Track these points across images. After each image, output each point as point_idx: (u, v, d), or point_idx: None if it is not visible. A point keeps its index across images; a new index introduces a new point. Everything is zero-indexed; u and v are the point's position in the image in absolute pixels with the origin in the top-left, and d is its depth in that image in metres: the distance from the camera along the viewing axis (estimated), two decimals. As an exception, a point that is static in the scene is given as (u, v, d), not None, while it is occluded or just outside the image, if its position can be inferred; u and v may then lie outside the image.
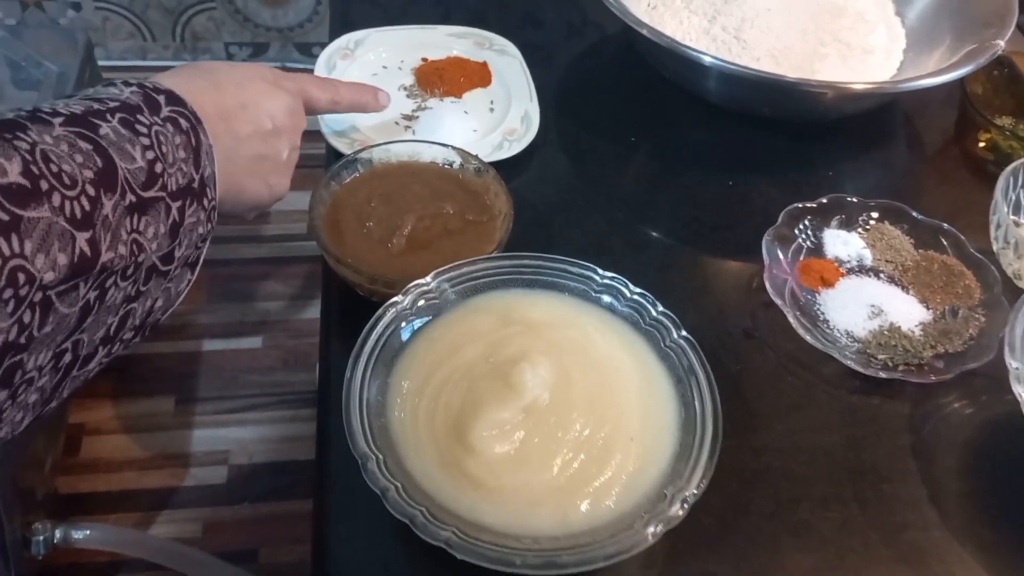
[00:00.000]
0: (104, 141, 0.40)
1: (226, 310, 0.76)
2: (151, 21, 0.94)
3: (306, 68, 0.99)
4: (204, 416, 0.69)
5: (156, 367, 0.71)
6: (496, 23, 0.88)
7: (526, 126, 0.71)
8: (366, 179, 0.61)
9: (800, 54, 0.77)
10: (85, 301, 0.38)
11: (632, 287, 0.53)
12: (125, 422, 0.67)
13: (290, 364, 0.72)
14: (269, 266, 0.80)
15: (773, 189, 0.71)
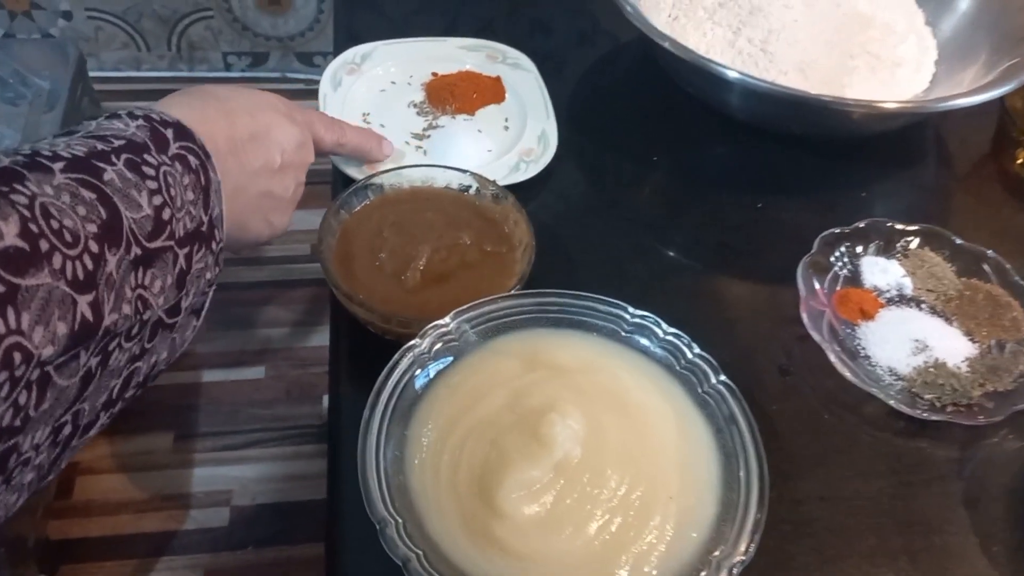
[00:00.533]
0: (109, 188, 0.36)
1: (226, 338, 0.72)
2: (145, 31, 0.90)
3: (308, 78, 0.95)
4: (204, 453, 0.65)
5: (153, 400, 0.67)
6: (504, 32, 0.84)
7: (543, 146, 0.67)
8: (377, 206, 0.58)
9: (828, 67, 0.73)
10: (86, 370, 0.34)
11: (665, 326, 0.50)
12: (120, 460, 0.64)
13: (294, 396, 0.68)
14: (271, 290, 0.76)
15: (804, 211, 0.67)
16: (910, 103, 0.68)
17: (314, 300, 0.76)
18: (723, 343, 0.58)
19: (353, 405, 0.53)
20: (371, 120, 0.68)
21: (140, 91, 0.91)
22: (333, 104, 0.68)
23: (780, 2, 0.74)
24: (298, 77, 0.95)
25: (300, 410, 0.68)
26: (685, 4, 0.75)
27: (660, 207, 0.67)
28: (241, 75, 0.95)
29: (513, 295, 0.50)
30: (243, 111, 0.48)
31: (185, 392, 0.68)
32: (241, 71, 0.95)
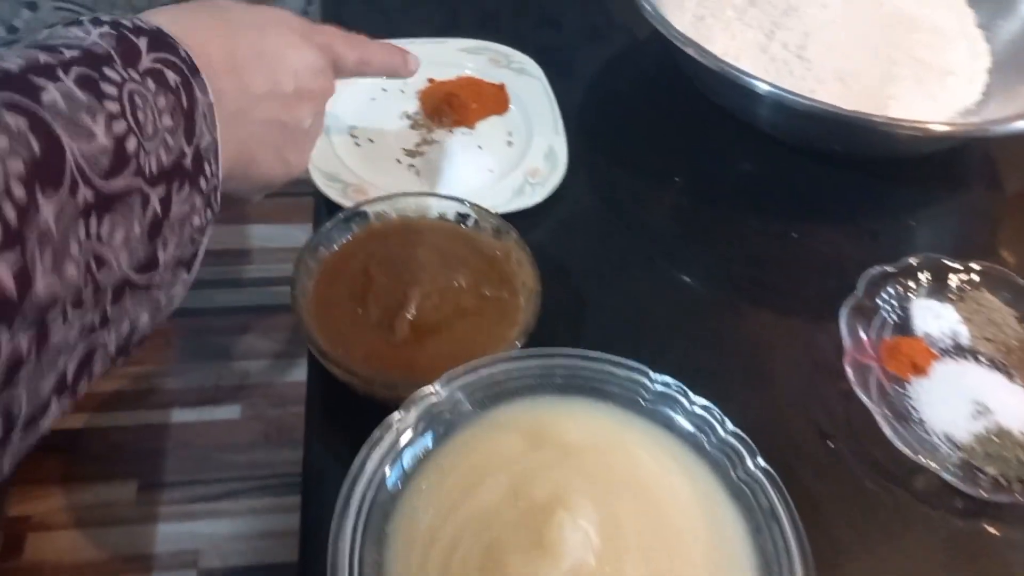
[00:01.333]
0: (48, 112, 0.28)
1: (199, 372, 0.65)
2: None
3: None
4: (171, 506, 0.58)
5: (115, 443, 0.61)
6: (510, 26, 0.77)
7: (551, 165, 0.59)
8: (361, 241, 0.50)
9: (871, 75, 0.65)
10: (11, 351, 0.27)
11: (693, 396, 0.42)
12: (77, 514, 0.57)
13: (272, 439, 0.62)
14: (249, 316, 0.69)
15: (845, 241, 0.60)
16: (968, 127, 0.60)
17: (296, 328, 0.68)
18: (755, 400, 0.51)
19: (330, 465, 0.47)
20: (358, 134, 0.61)
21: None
22: (316, 116, 0.60)
23: (817, 2, 0.66)
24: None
25: (279, 455, 0.62)
26: (712, 3, 0.68)
27: (683, 236, 0.60)
28: (223, 71, 0.87)
29: (514, 356, 0.43)
30: (248, 25, 0.40)
31: (151, 434, 0.61)
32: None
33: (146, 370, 0.64)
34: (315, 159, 0.57)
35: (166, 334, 0.66)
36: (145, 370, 0.64)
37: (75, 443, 0.61)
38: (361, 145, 0.60)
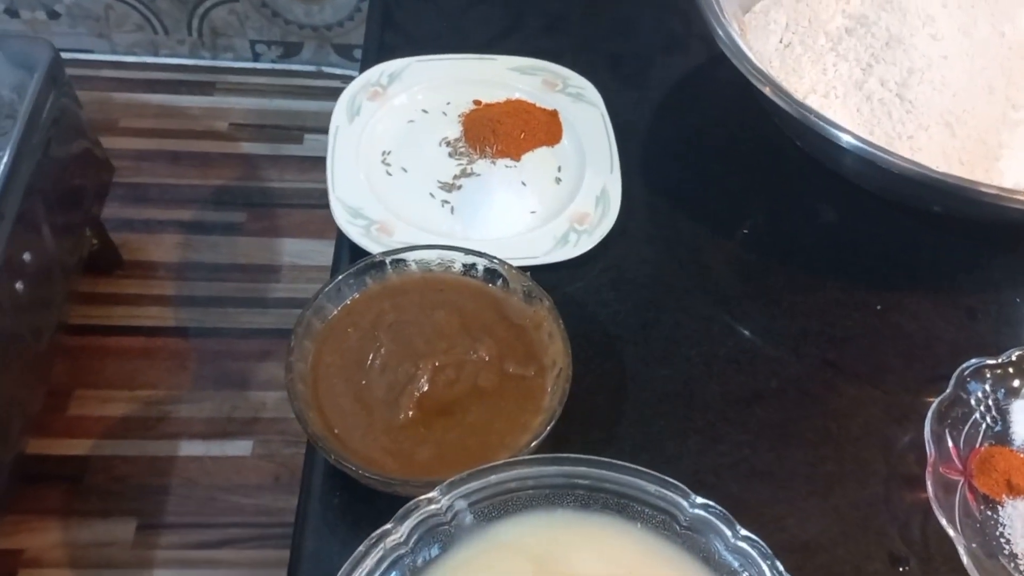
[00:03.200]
0: None
1: (213, 401, 0.61)
2: (161, 11, 0.79)
3: (345, 73, 0.82)
4: (168, 551, 0.55)
5: (118, 475, 0.57)
6: (577, 29, 0.70)
7: (602, 210, 0.53)
8: (375, 297, 0.45)
9: (983, 121, 0.56)
10: None
11: (738, 527, 0.36)
12: (73, 553, 0.54)
13: (282, 483, 0.57)
14: (271, 341, 0.65)
15: (938, 318, 0.51)
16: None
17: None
18: (819, 513, 0.44)
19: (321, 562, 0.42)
20: (391, 161, 0.55)
21: (159, 80, 0.79)
22: (347, 139, 0.55)
23: (926, 31, 0.57)
24: (335, 72, 0.83)
25: (287, 502, 0.57)
26: (803, 27, 0.59)
27: (750, 301, 0.52)
28: (272, 66, 0.83)
29: (527, 460, 0.37)
30: None
31: (157, 468, 0.58)
32: (271, 62, 0.83)
33: (158, 395, 0.61)
34: (339, 191, 0.52)
35: (182, 356, 0.62)
36: (157, 395, 0.61)
37: (78, 472, 0.58)
38: (393, 174, 0.55)
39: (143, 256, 0.68)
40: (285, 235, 0.70)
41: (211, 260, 0.69)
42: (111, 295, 0.66)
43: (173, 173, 0.74)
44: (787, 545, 0.43)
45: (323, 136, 0.79)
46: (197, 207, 0.72)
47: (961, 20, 0.59)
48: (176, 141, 0.77)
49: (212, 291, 0.67)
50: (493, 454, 0.40)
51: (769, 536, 0.43)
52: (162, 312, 0.65)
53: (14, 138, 0.53)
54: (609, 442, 0.46)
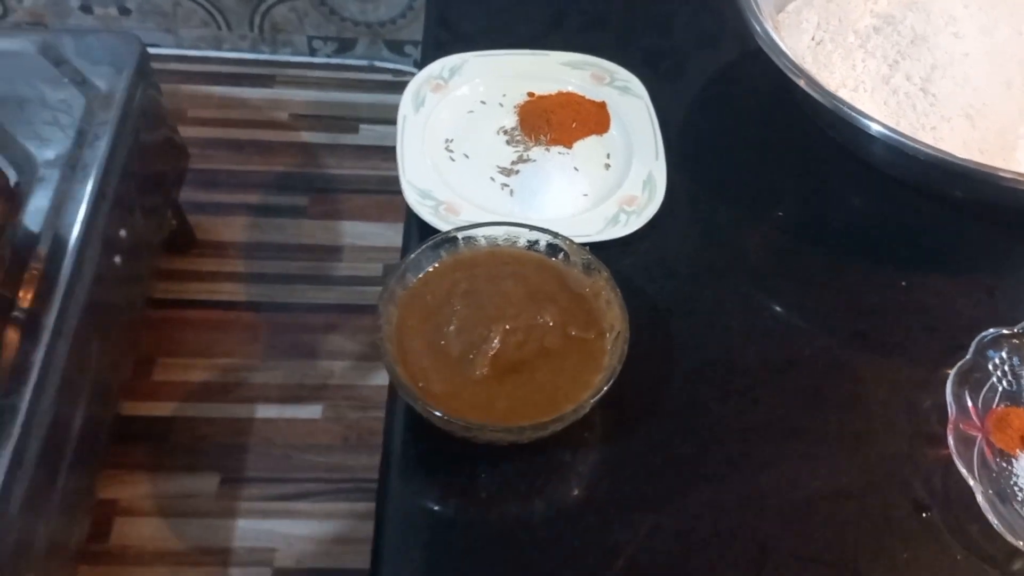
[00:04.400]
0: None
1: (284, 369, 0.66)
2: (226, 8, 0.84)
3: (397, 68, 0.87)
4: (250, 502, 0.60)
5: (201, 435, 0.63)
6: (616, 27, 0.74)
7: (649, 194, 0.58)
8: (448, 269, 0.50)
9: (1002, 114, 0.61)
10: None
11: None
12: (162, 503, 0.59)
13: (351, 443, 0.62)
14: (337, 315, 0.70)
15: (959, 296, 0.56)
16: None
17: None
18: (851, 465, 0.49)
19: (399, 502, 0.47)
20: (454, 148, 0.60)
21: (221, 73, 0.85)
22: (413, 128, 0.60)
23: (949, 29, 0.62)
24: (387, 67, 0.88)
25: (357, 460, 0.62)
26: (834, 26, 0.64)
27: (784, 278, 0.57)
28: (327, 60, 0.88)
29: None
30: None
31: (236, 429, 0.63)
32: (327, 56, 0.88)
33: (235, 363, 0.66)
34: (410, 174, 0.57)
35: (255, 328, 0.67)
36: (234, 363, 0.66)
37: (164, 432, 0.63)
38: (456, 160, 0.60)
39: (215, 236, 0.73)
40: (345, 218, 0.75)
41: (278, 240, 0.74)
42: (188, 272, 0.71)
43: (238, 160, 0.80)
44: (820, 493, 0.47)
45: (377, 126, 0.84)
46: (262, 191, 0.77)
47: (982, 21, 0.63)
48: (239, 130, 0.82)
49: (280, 269, 0.72)
50: (559, 407, 0.45)
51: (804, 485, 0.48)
52: (235, 288, 0.71)
53: (112, 126, 0.59)
54: (657, 403, 0.50)
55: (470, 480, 0.47)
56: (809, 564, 0.45)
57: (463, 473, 0.47)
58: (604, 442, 0.49)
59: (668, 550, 0.45)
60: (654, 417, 0.50)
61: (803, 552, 0.45)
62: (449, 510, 0.46)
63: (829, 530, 0.46)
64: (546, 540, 0.45)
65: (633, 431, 0.49)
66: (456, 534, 0.45)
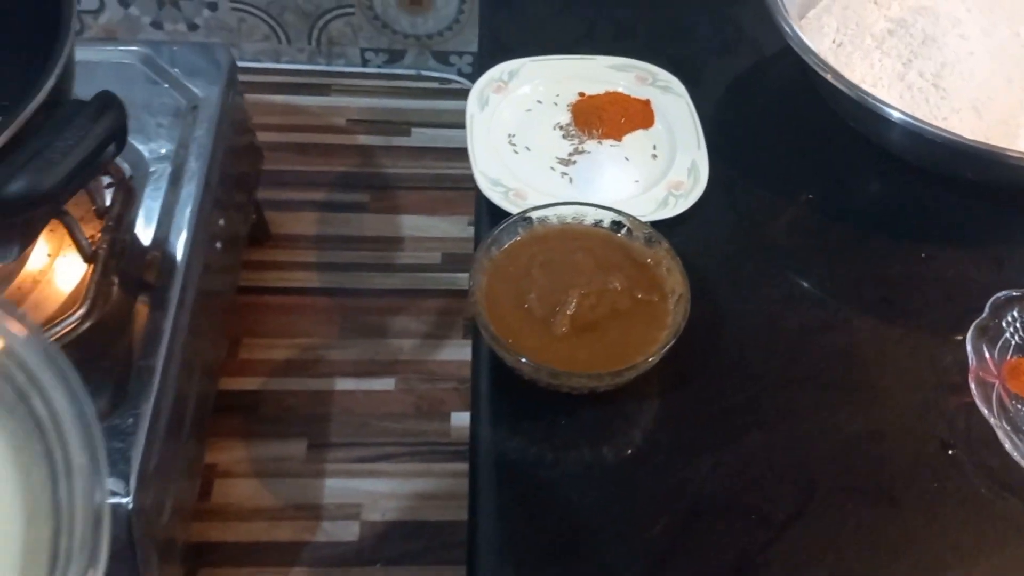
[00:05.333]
0: None
1: (358, 347, 0.73)
2: (287, 24, 0.91)
3: (443, 76, 0.94)
4: (335, 464, 0.66)
5: (287, 406, 0.69)
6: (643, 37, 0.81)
7: (693, 179, 0.65)
8: (526, 243, 0.57)
9: (1005, 105, 0.68)
10: None
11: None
12: (256, 466, 0.66)
13: (423, 411, 0.69)
14: (402, 299, 0.76)
15: (972, 265, 0.63)
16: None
17: (443, 312, 0.76)
18: (883, 410, 0.55)
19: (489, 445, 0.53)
20: (516, 142, 0.67)
21: (279, 83, 0.92)
22: (480, 124, 0.67)
23: (956, 31, 0.69)
24: (432, 75, 0.95)
25: (429, 426, 0.69)
26: (852, 30, 0.71)
27: (816, 253, 0.64)
28: (377, 70, 0.95)
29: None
30: None
31: (319, 400, 0.69)
32: (377, 67, 0.95)
33: (313, 342, 0.72)
34: (480, 164, 0.64)
35: (328, 311, 0.74)
36: (312, 342, 0.72)
37: (254, 404, 0.69)
38: (519, 152, 0.66)
39: (287, 230, 0.80)
40: (404, 212, 0.82)
41: (344, 233, 0.80)
42: (266, 262, 0.77)
43: (303, 162, 0.86)
44: (858, 435, 0.54)
45: (427, 129, 0.91)
46: (327, 189, 0.84)
47: (983, 23, 0.70)
48: (302, 135, 0.89)
49: (347, 258, 0.78)
50: (631, 359, 0.51)
51: (843, 429, 0.55)
52: (308, 276, 0.77)
53: (211, 129, 0.65)
54: (709, 361, 0.57)
55: (550, 427, 0.54)
56: (852, 494, 0.52)
57: (544, 421, 0.54)
58: (665, 394, 0.55)
59: (728, 485, 0.52)
60: (707, 372, 0.56)
61: (846, 484, 0.52)
62: (532, 453, 0.53)
63: (867, 466, 0.53)
64: (620, 478, 0.52)
65: (689, 384, 0.56)
66: (539, 473, 0.52)
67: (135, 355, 0.54)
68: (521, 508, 0.50)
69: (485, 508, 0.51)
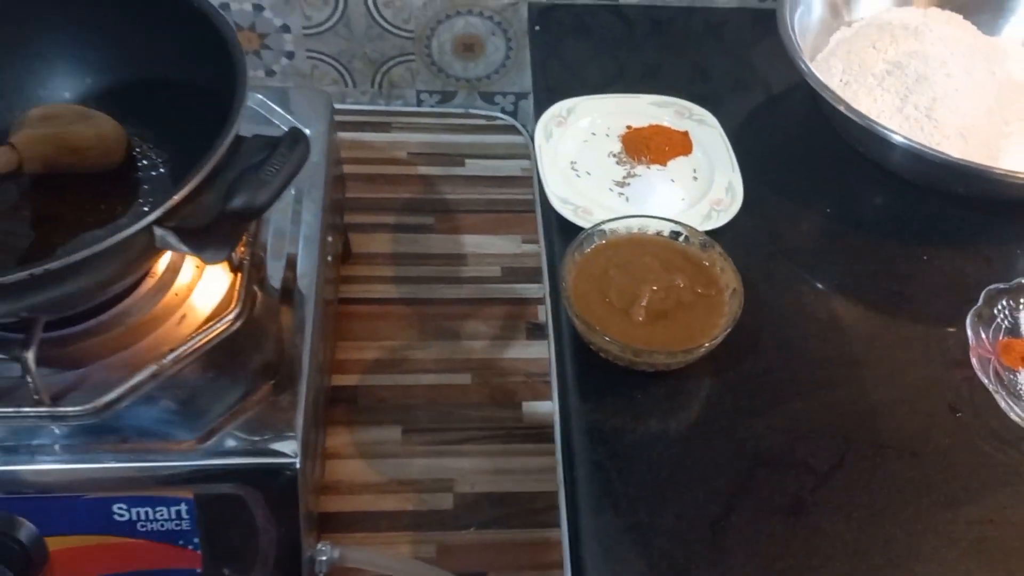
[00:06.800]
0: None
1: (436, 347, 0.83)
2: (355, 70, 1.02)
3: (488, 114, 1.07)
4: (427, 446, 0.76)
5: (381, 398, 0.79)
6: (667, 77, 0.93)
7: (731, 196, 0.76)
8: (602, 250, 0.68)
9: (986, 132, 0.81)
10: None
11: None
12: (359, 448, 0.75)
13: (497, 400, 0.79)
14: (469, 306, 0.87)
15: (965, 264, 0.75)
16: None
17: (507, 317, 0.86)
18: (901, 384, 0.67)
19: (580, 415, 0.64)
20: (578, 167, 0.79)
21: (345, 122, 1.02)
22: (548, 153, 0.79)
23: (943, 71, 0.82)
24: (480, 113, 1.06)
25: (503, 413, 0.79)
26: (855, 70, 0.84)
27: (836, 255, 0.76)
28: (431, 109, 1.06)
29: None
30: None
31: (408, 392, 0.79)
32: (431, 106, 1.07)
33: (397, 344, 0.82)
34: (551, 186, 0.75)
35: (407, 318, 0.84)
36: (396, 344, 0.82)
37: (352, 396, 0.79)
38: (580, 176, 0.78)
39: (365, 249, 0.90)
40: (464, 232, 0.93)
41: (414, 251, 0.91)
42: (350, 276, 0.87)
43: (372, 190, 0.97)
44: (882, 401, 0.65)
45: (479, 160, 1.03)
46: (396, 214, 0.95)
47: (965, 64, 0.83)
48: (369, 167, 0.99)
49: (419, 273, 0.89)
50: (697, 341, 0.62)
51: (869, 396, 0.66)
52: (387, 288, 0.87)
53: (323, 160, 0.75)
54: (757, 344, 0.68)
55: (629, 401, 0.64)
56: (880, 448, 0.63)
57: (623, 395, 0.65)
58: (720, 372, 0.66)
59: (779, 442, 0.63)
60: (756, 353, 0.68)
61: (875, 441, 0.63)
62: (616, 421, 0.63)
63: (891, 426, 0.64)
64: (690, 438, 0.63)
65: (742, 363, 0.67)
66: (623, 437, 0.62)
67: (284, 348, 0.64)
68: (611, 464, 0.61)
69: (582, 465, 0.61)
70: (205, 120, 0.60)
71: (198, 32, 0.62)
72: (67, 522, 0.58)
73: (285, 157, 0.52)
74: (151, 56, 0.68)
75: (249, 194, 0.51)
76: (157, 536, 0.59)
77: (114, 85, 0.70)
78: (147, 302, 0.65)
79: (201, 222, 0.51)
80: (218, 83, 0.60)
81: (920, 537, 0.58)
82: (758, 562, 0.56)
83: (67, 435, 0.58)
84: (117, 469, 0.58)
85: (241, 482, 0.58)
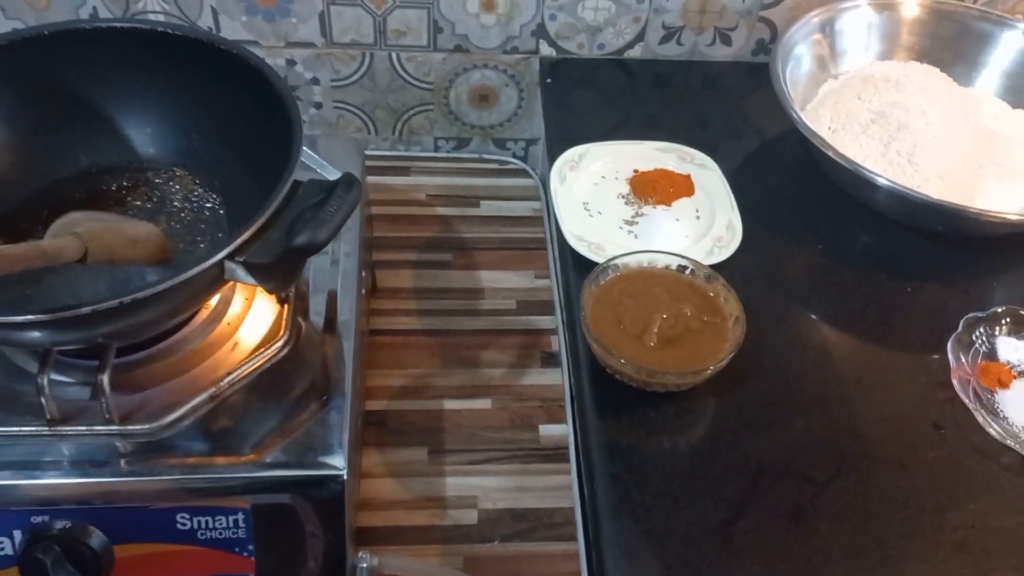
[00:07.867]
0: None
1: (458, 375, 0.89)
2: (377, 119, 1.09)
3: (500, 159, 1.14)
4: (452, 466, 0.81)
5: (408, 421, 0.84)
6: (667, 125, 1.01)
7: (731, 234, 0.84)
8: (616, 281, 0.75)
9: (963, 175, 0.88)
10: None
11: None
12: (389, 468, 0.81)
13: (516, 424, 0.85)
14: (488, 337, 0.93)
15: (946, 296, 0.82)
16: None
17: (523, 347, 0.92)
18: (886, 402, 0.73)
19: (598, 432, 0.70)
20: (590, 208, 0.86)
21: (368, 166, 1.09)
22: (562, 195, 0.86)
23: (923, 120, 0.90)
24: (493, 158, 1.14)
25: (522, 436, 0.84)
26: (842, 119, 0.92)
27: (828, 288, 0.83)
28: (447, 154, 1.14)
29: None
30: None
31: (433, 416, 0.85)
32: (447, 152, 1.14)
33: (421, 372, 0.88)
34: (566, 224, 0.82)
35: (430, 348, 0.90)
36: (421, 372, 0.88)
37: (381, 420, 0.85)
38: (593, 216, 0.85)
39: (389, 284, 0.97)
40: (481, 268, 0.99)
41: (435, 286, 0.97)
42: (376, 309, 0.94)
43: (394, 229, 1.04)
44: (873, 419, 0.71)
45: (493, 202, 1.10)
46: (417, 251, 1.01)
47: (943, 113, 0.91)
48: (389, 207, 1.06)
49: (440, 306, 0.95)
50: (705, 364, 0.69)
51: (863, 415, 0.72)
52: (410, 320, 0.93)
53: (361, 205, 0.83)
54: (757, 367, 0.75)
55: (642, 418, 0.71)
56: (872, 461, 0.69)
57: (637, 414, 0.71)
58: (724, 392, 0.73)
59: (781, 455, 0.69)
60: (757, 376, 0.74)
61: (867, 454, 0.69)
62: (632, 437, 0.69)
63: (881, 441, 0.70)
64: (700, 452, 0.69)
65: (744, 384, 0.73)
66: (638, 451, 0.69)
67: (329, 372, 0.70)
68: (628, 476, 0.67)
69: (602, 478, 0.67)
70: (256, 166, 0.67)
71: (256, 88, 0.69)
72: (134, 531, 0.64)
73: (342, 199, 0.59)
74: (209, 109, 0.75)
75: (312, 232, 0.57)
76: (215, 544, 0.65)
77: (173, 134, 0.77)
78: (202, 331, 0.71)
79: (267, 258, 0.58)
80: (270, 133, 0.67)
81: (909, 540, 0.64)
82: (764, 563, 0.62)
83: (134, 451, 0.64)
84: (181, 481, 0.63)
85: (294, 492, 0.63)
